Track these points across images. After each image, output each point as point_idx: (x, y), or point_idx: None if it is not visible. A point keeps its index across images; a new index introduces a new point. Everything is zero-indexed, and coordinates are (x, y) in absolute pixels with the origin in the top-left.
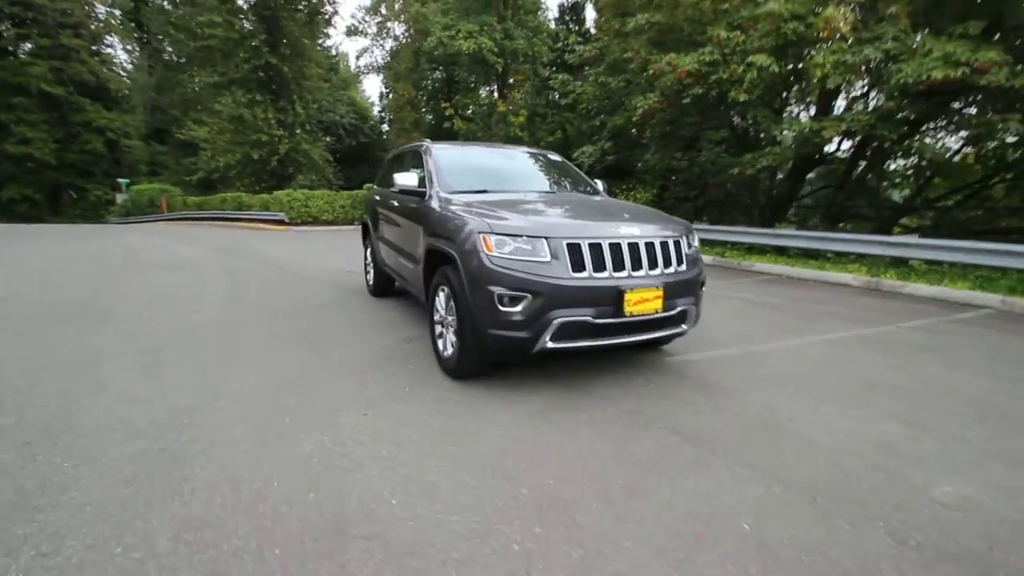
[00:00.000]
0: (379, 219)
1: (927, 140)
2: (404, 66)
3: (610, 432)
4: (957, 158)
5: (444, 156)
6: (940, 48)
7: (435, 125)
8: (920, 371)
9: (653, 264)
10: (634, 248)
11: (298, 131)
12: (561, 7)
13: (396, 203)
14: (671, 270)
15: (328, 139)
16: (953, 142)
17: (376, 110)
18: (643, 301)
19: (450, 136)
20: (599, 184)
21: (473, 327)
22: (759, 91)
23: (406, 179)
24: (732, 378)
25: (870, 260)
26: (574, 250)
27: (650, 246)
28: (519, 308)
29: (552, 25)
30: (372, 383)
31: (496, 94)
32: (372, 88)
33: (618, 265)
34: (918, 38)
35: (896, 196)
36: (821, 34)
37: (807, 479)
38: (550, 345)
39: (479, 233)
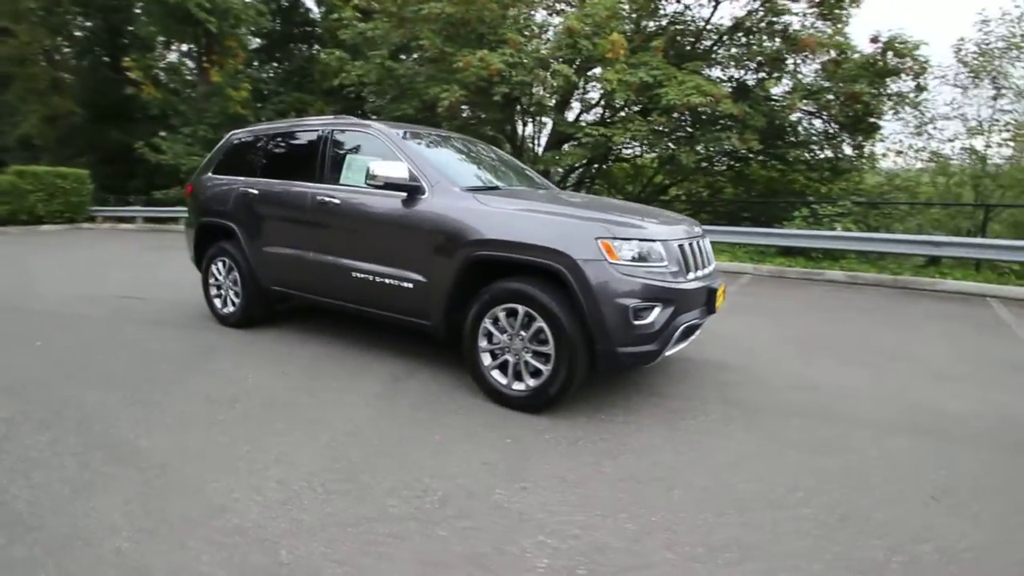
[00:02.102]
0: (266, 221)
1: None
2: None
3: None
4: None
5: (415, 143)
6: (693, 80)
7: (93, 89)
8: None
9: (708, 260)
10: (696, 246)
11: None
12: None
13: (340, 201)
14: (714, 264)
15: None
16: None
17: None
18: (721, 296)
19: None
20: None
21: (602, 349)
22: (557, 97)
23: (392, 170)
24: None
25: None
26: (677, 252)
27: (701, 243)
28: (651, 319)
29: None
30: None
31: (205, 61)
32: None
33: (695, 264)
34: (676, 71)
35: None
36: (607, 55)
37: None
38: (667, 353)
39: (599, 239)
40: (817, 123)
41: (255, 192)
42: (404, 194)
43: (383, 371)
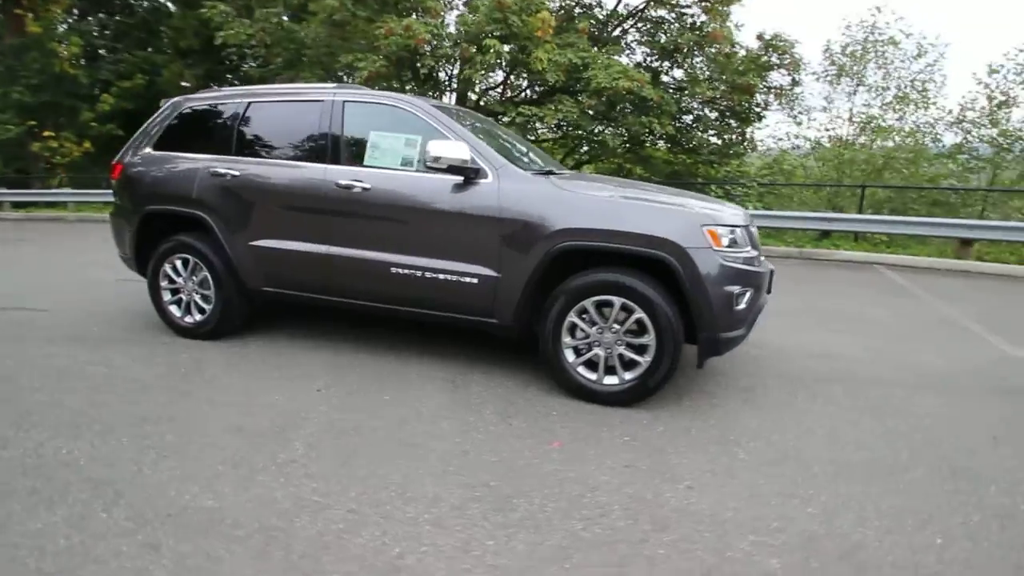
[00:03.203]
0: (255, 209)
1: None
2: None
3: None
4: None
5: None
6: (618, 64)
7: None
8: None
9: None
10: (754, 230)
11: None
12: None
13: (370, 186)
14: None
15: None
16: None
17: None
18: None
19: None
20: None
21: (706, 336)
22: (486, 73)
23: (452, 150)
24: None
25: None
26: (748, 236)
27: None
28: (745, 304)
29: None
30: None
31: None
32: None
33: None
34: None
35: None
36: (537, 33)
37: None
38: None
39: (704, 227)
40: (707, 111)
41: (235, 174)
42: (459, 178)
43: (431, 376)
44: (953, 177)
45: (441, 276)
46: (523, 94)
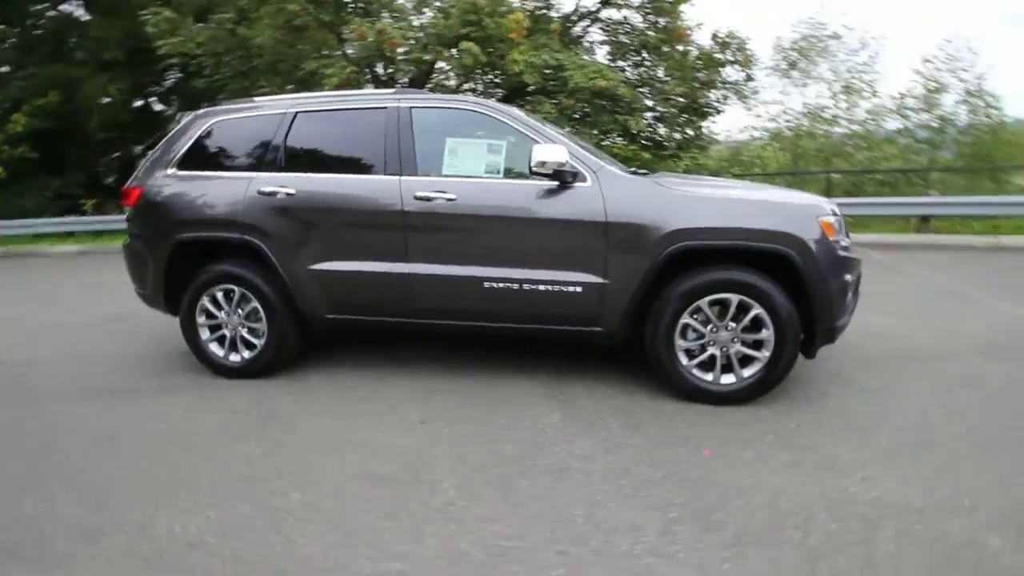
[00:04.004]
0: (318, 230)
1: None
2: None
3: None
4: None
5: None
6: (594, 64)
7: None
8: None
9: None
10: None
11: None
12: None
13: (456, 196)
14: None
15: None
16: None
17: None
18: None
19: None
20: None
21: (823, 327)
22: (463, 77)
23: (553, 154)
24: None
25: None
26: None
27: None
28: (851, 293)
29: None
30: None
31: None
32: None
33: None
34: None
35: None
36: (511, 35)
37: None
38: None
39: (819, 218)
40: (667, 107)
41: (290, 192)
42: (553, 183)
43: (528, 393)
44: (897, 159)
45: (541, 287)
46: (485, 96)
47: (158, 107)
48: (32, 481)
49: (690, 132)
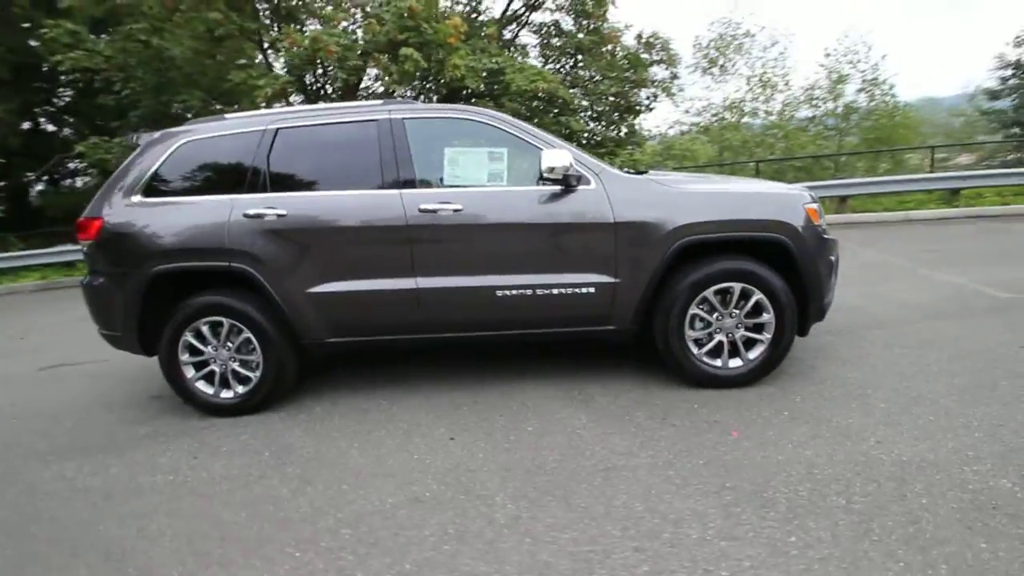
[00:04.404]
0: (314, 251)
1: None
2: None
3: None
4: None
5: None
6: (532, 67)
7: None
8: None
9: None
10: None
11: None
12: None
13: (462, 206)
14: None
15: None
16: None
17: None
18: None
19: None
20: None
21: (815, 306)
22: (404, 83)
23: (559, 159)
24: None
25: None
26: None
27: None
28: (834, 272)
29: None
30: None
31: None
32: None
33: None
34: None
35: None
36: (449, 40)
37: None
38: None
39: (805, 205)
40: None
41: (280, 213)
42: (557, 187)
43: (547, 396)
44: (810, 146)
45: (555, 291)
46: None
47: (50, 128)
48: (37, 556)
49: (624, 129)
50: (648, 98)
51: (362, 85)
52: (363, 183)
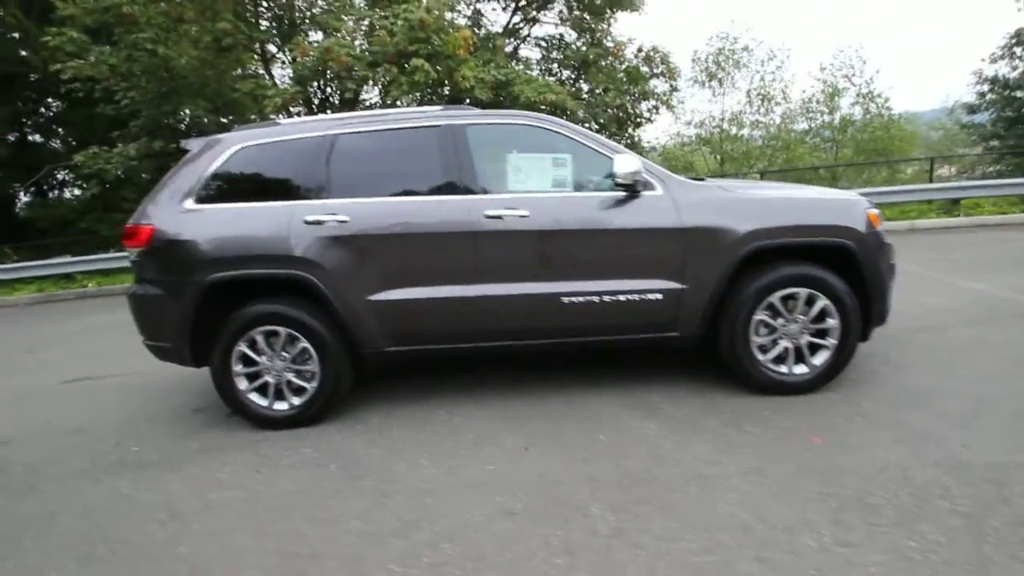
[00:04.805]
0: (378, 257)
1: None
2: None
3: None
4: None
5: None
6: (539, 79)
7: None
8: None
9: None
10: None
11: None
12: None
13: (529, 213)
14: None
15: None
16: None
17: None
18: None
19: None
20: None
21: (878, 309)
22: (415, 94)
23: (629, 165)
24: None
25: None
26: None
27: None
28: (892, 276)
29: None
30: None
31: None
32: None
33: None
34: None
35: None
36: (458, 52)
37: None
38: None
39: (867, 211)
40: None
41: (343, 219)
42: (622, 194)
43: (611, 405)
44: (808, 157)
45: (622, 297)
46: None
47: (38, 138)
48: None
49: (625, 141)
50: (649, 110)
51: (362, 96)
52: (426, 189)
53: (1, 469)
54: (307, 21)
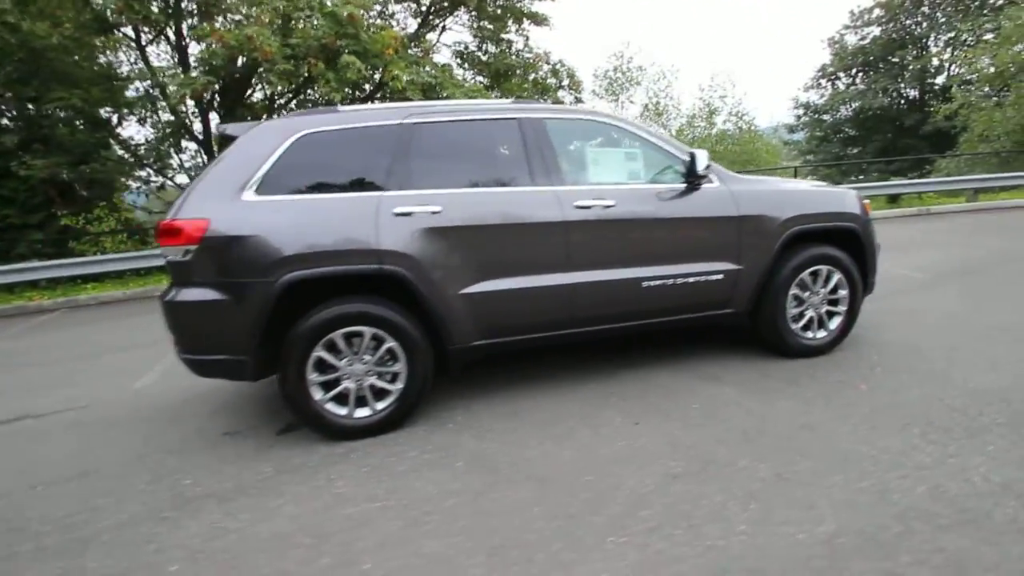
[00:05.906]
0: (470, 250)
1: None
2: None
3: None
4: None
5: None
6: (468, 83)
7: None
8: None
9: None
10: None
11: None
12: None
13: (614, 202)
14: None
15: None
16: None
17: None
18: None
19: None
20: None
21: (871, 283)
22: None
23: (706, 158)
24: None
25: None
26: None
27: None
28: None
29: None
30: None
31: None
32: None
33: None
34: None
35: None
36: (386, 51)
37: None
38: None
39: (861, 200)
40: None
41: (435, 210)
42: (683, 185)
43: (681, 378)
44: None
45: (691, 279)
46: None
47: None
48: None
49: None
50: None
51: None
52: (513, 181)
53: (20, 528)
54: (214, 5)
